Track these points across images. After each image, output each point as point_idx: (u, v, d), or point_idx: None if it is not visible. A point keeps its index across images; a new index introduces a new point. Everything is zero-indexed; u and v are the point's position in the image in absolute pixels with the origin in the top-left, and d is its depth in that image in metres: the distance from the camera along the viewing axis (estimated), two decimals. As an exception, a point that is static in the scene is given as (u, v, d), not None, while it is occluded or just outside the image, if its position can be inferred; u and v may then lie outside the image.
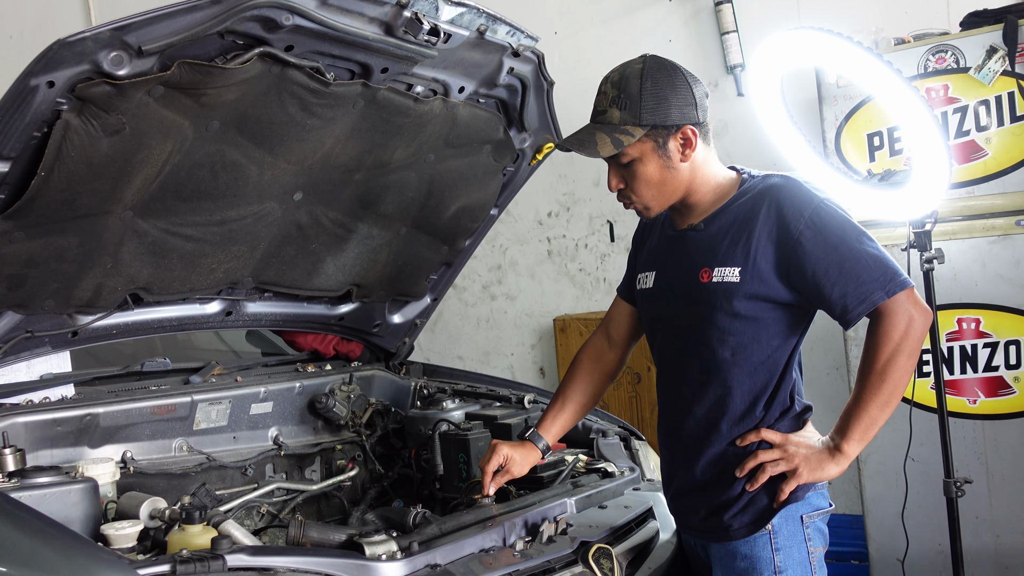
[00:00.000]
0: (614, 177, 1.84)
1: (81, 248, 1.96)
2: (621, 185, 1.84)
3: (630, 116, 1.77)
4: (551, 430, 2.10)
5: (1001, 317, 2.99)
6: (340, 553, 1.68)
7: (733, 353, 1.78)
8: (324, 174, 2.23)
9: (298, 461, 2.59)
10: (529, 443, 2.09)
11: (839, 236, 1.71)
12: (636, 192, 1.83)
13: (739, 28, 3.93)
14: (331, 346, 2.93)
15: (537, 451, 2.09)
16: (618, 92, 1.78)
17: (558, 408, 2.11)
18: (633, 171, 1.81)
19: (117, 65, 1.63)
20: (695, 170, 1.83)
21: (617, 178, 1.84)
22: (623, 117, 1.77)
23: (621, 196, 1.86)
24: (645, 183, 1.81)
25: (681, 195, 1.84)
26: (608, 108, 1.79)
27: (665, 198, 1.84)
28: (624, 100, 1.77)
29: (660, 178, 1.81)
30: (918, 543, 2.97)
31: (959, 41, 2.98)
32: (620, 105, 1.77)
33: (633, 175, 1.81)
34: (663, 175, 1.81)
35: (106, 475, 2.01)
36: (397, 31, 1.89)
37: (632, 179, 1.82)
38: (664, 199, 1.84)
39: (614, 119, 1.78)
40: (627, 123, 1.77)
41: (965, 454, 3.02)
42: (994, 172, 2.97)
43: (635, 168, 1.80)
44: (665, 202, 1.85)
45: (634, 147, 1.78)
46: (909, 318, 1.68)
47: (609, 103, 1.79)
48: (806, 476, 1.74)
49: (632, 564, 2.01)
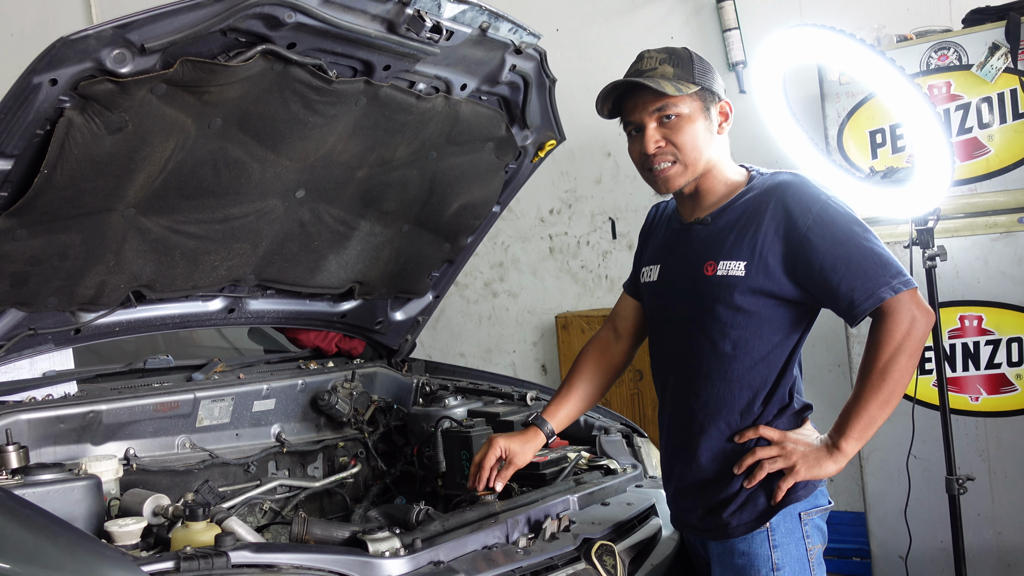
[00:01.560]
0: (655, 134, 1.81)
1: (84, 246, 1.96)
2: (661, 143, 1.81)
3: (684, 73, 1.80)
4: (556, 416, 2.08)
5: (1003, 314, 2.99)
6: (344, 550, 1.69)
7: (734, 347, 1.78)
8: (326, 171, 2.23)
9: (300, 458, 2.60)
10: (533, 428, 2.07)
11: (846, 232, 1.71)
12: (680, 149, 1.80)
13: (741, 25, 3.92)
14: (333, 343, 2.93)
15: (541, 436, 2.06)
16: (667, 55, 1.82)
17: (563, 396, 2.10)
18: (679, 127, 1.80)
19: (120, 63, 1.64)
20: (720, 151, 1.86)
21: (658, 135, 1.81)
22: (677, 73, 1.80)
23: (658, 156, 1.81)
24: (691, 141, 1.81)
25: (708, 169, 1.84)
26: (658, 66, 1.80)
27: (700, 165, 1.83)
28: (676, 60, 1.81)
29: (703, 140, 1.82)
30: (920, 540, 2.97)
31: (961, 38, 2.98)
32: (673, 63, 1.80)
33: (678, 131, 1.80)
34: (705, 138, 1.82)
35: (109, 472, 2.01)
36: (399, 28, 1.89)
37: (676, 135, 1.80)
38: (699, 165, 1.83)
39: (667, 74, 1.79)
40: (681, 79, 1.79)
41: (967, 451, 3.02)
42: (996, 169, 2.97)
43: (681, 124, 1.80)
44: (697, 169, 1.83)
45: (687, 101, 1.80)
46: (912, 318, 1.68)
47: (658, 63, 1.80)
48: (804, 473, 1.74)
49: (635, 561, 2.01)
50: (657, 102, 1.79)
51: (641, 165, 1.86)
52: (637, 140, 1.84)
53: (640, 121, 1.82)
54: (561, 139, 2.58)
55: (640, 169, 1.87)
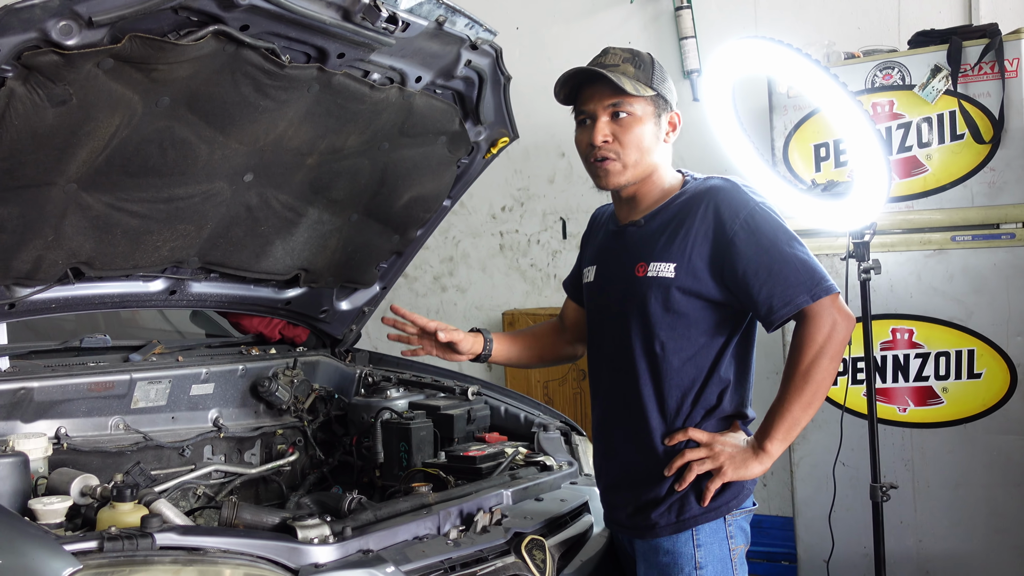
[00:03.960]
0: (605, 127, 1.84)
1: (22, 219, 1.92)
2: (608, 138, 1.84)
3: (644, 76, 1.84)
4: (499, 341, 2.15)
5: (934, 329, 3.09)
6: (272, 535, 1.68)
7: (663, 347, 1.82)
8: (276, 157, 2.21)
9: (238, 444, 2.57)
10: (477, 332, 2.12)
11: (771, 239, 1.76)
12: (624, 147, 1.84)
13: (697, 34, 3.99)
14: (277, 330, 2.91)
15: (481, 340, 2.11)
16: (631, 55, 1.86)
17: (510, 336, 2.20)
18: (627, 127, 1.84)
19: (66, 35, 1.60)
20: (663, 158, 1.90)
21: (608, 129, 1.84)
22: (637, 74, 1.83)
23: (604, 149, 1.84)
24: (636, 142, 1.84)
25: (648, 173, 1.88)
26: (621, 64, 1.84)
27: (641, 167, 1.87)
28: (639, 62, 1.85)
29: (648, 144, 1.86)
30: (844, 545, 3.05)
31: (906, 59, 3.07)
32: (635, 64, 1.84)
33: (626, 131, 1.84)
34: (651, 143, 1.86)
35: (38, 450, 1.97)
36: (355, 17, 1.89)
37: (624, 133, 1.84)
38: (640, 168, 1.87)
39: (628, 72, 1.83)
40: (640, 80, 1.83)
41: (893, 460, 3.11)
42: (933, 188, 3.07)
43: (630, 125, 1.84)
44: (638, 173, 1.87)
45: (641, 103, 1.84)
46: (833, 322, 1.74)
47: (621, 60, 1.84)
48: (731, 474, 1.79)
49: (564, 556, 2.03)
50: (613, 97, 1.83)
51: (585, 155, 1.89)
52: (587, 130, 1.87)
53: (593, 112, 1.85)
54: (514, 137, 2.59)
55: (584, 159, 1.91)
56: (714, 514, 1.82)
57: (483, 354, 2.12)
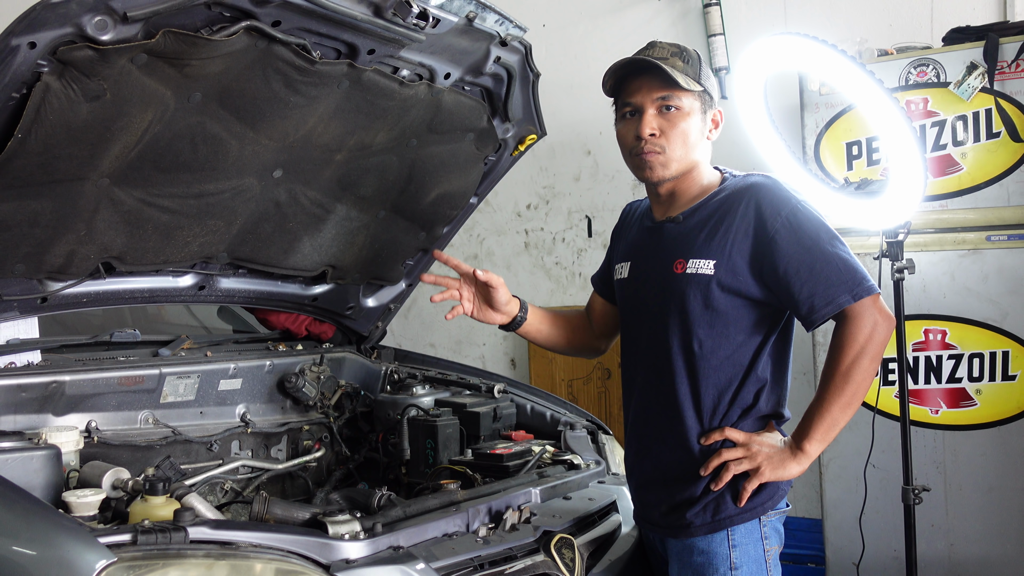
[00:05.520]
0: (653, 120, 1.82)
1: (55, 213, 1.93)
2: (656, 132, 1.83)
3: (692, 71, 1.83)
4: (533, 312, 2.12)
5: (967, 330, 3.04)
6: (303, 530, 1.68)
7: (701, 345, 1.81)
8: (305, 153, 2.21)
9: (264, 439, 2.58)
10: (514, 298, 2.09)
11: (813, 238, 1.74)
12: (670, 142, 1.83)
13: (726, 31, 3.95)
14: (303, 326, 2.91)
15: (518, 302, 2.09)
16: (679, 50, 1.84)
17: (544, 312, 2.16)
18: (675, 121, 1.82)
19: (101, 30, 1.61)
20: (704, 155, 1.89)
21: (656, 123, 1.83)
22: (686, 69, 1.82)
23: (650, 144, 1.83)
24: (682, 137, 1.83)
25: (689, 169, 1.87)
26: (669, 57, 1.82)
27: (685, 163, 1.85)
28: (686, 57, 1.84)
29: (693, 140, 1.84)
30: (874, 548, 3.01)
31: (941, 56, 3.02)
32: (683, 59, 1.83)
33: (673, 125, 1.82)
34: (696, 138, 1.85)
35: (70, 443, 1.98)
36: (386, 13, 1.89)
37: (670, 129, 1.82)
38: (684, 163, 1.85)
39: (677, 67, 1.81)
40: (689, 75, 1.81)
41: (924, 463, 3.07)
42: (968, 187, 3.02)
43: (677, 120, 1.82)
44: (681, 168, 1.86)
45: (689, 98, 1.83)
46: (874, 323, 1.71)
47: (669, 54, 1.82)
48: (768, 475, 1.77)
49: (593, 555, 2.03)
50: (663, 91, 1.81)
51: (630, 148, 1.87)
52: (632, 122, 1.85)
53: (640, 104, 1.83)
54: (542, 134, 2.58)
55: (627, 153, 1.89)
56: (750, 515, 1.80)
57: (518, 317, 2.08)
